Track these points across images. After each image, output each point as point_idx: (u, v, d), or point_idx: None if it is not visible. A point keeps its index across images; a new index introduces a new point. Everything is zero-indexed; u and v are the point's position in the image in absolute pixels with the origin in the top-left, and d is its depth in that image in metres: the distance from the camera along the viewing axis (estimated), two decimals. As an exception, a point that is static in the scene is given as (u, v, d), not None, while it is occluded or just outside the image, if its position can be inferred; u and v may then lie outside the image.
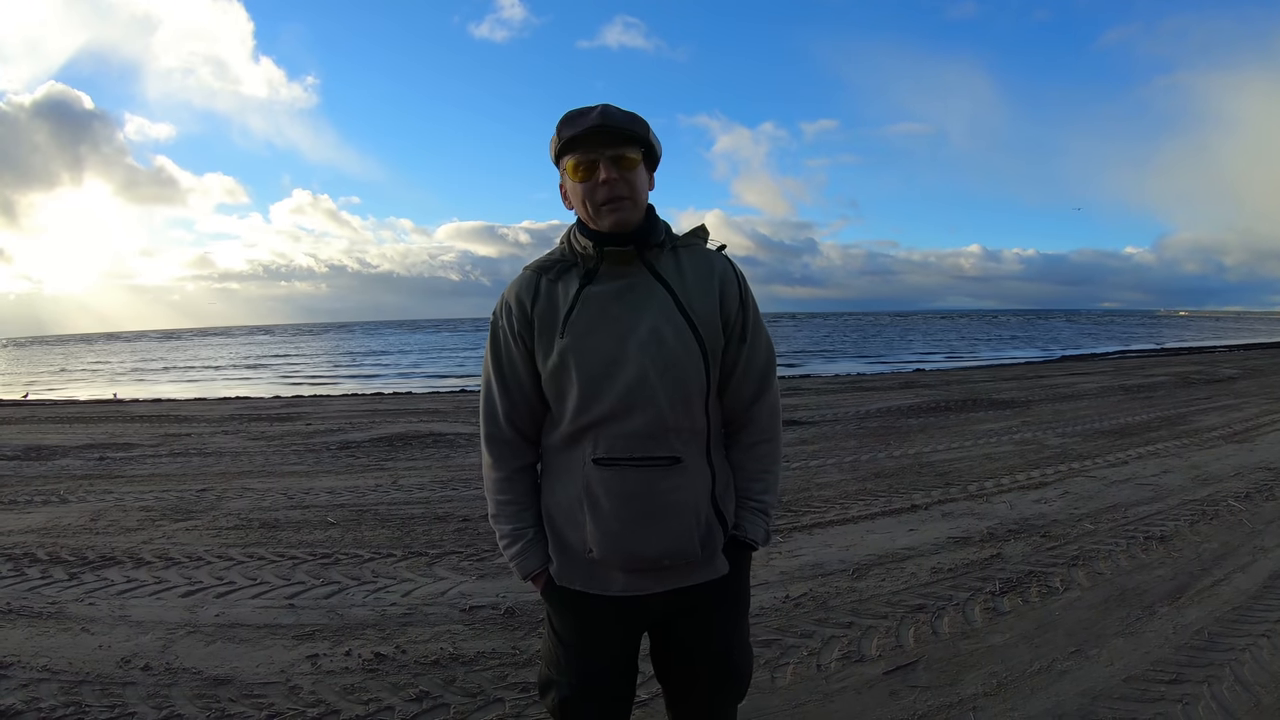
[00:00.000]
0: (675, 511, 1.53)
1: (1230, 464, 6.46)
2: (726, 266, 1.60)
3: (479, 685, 2.82)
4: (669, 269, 1.55)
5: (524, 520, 1.63)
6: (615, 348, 1.49)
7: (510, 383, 1.58)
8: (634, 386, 1.47)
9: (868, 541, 4.50)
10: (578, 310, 1.50)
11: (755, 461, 1.67)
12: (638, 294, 1.52)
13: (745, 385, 1.62)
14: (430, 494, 5.82)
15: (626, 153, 1.48)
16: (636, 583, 1.57)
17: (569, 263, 1.56)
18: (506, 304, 1.57)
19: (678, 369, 1.50)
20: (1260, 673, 2.81)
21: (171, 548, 4.44)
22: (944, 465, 6.64)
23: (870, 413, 10.11)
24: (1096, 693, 2.72)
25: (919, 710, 2.63)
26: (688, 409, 1.53)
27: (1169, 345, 35.00)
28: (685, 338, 1.50)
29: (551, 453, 1.61)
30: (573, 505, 1.56)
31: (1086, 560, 4.07)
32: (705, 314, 1.53)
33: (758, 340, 1.62)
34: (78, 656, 3.07)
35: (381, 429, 9.24)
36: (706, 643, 1.69)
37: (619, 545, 1.53)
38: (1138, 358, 25.23)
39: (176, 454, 7.72)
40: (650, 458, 1.50)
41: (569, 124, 1.47)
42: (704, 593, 1.62)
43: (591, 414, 1.50)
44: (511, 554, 1.63)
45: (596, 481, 1.52)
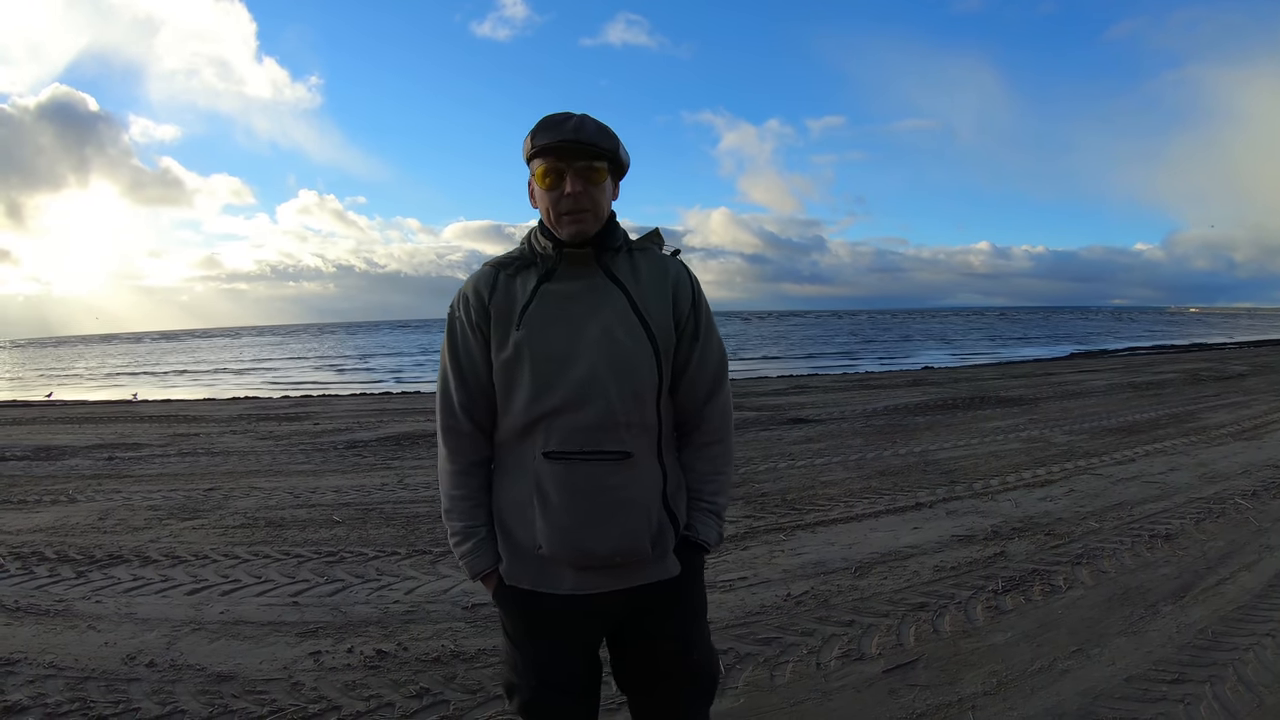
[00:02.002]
0: (626, 508, 1.55)
1: (1238, 461, 6.42)
2: (680, 270, 1.66)
3: (479, 682, 2.84)
4: (624, 271, 1.60)
5: (476, 518, 1.64)
6: (569, 343, 1.53)
7: (467, 374, 1.60)
8: (585, 380, 1.51)
9: (871, 539, 4.49)
10: (534, 305, 1.55)
11: (707, 463, 1.70)
12: (594, 294, 1.57)
13: (698, 384, 1.66)
14: (436, 493, 5.83)
15: (594, 165, 1.54)
16: (587, 580, 1.57)
17: (528, 260, 1.61)
18: (464, 296, 1.61)
19: (629, 365, 1.54)
20: (1264, 672, 2.79)
21: (178, 546, 4.48)
22: (950, 463, 6.63)
23: (877, 410, 10.11)
24: (1097, 692, 2.71)
25: (918, 709, 2.63)
26: (639, 405, 1.56)
27: (1179, 342, 34.79)
28: (637, 336, 1.56)
29: (503, 449, 1.63)
30: (522, 501, 1.58)
31: (1091, 559, 4.06)
32: (659, 314, 1.59)
33: (710, 341, 1.67)
34: (83, 653, 3.11)
35: (389, 428, 9.28)
36: (664, 645, 1.69)
37: (569, 541, 1.54)
38: (1148, 354, 25.10)
39: (185, 454, 7.78)
40: (601, 452, 1.53)
41: (544, 131, 1.53)
42: (656, 593, 1.62)
43: (543, 405, 1.52)
44: (462, 552, 1.63)
45: (547, 476, 1.54)
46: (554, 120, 1.53)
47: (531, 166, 1.58)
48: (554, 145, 1.51)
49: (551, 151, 1.52)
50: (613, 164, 1.58)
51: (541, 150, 1.53)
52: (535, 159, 1.56)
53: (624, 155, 1.59)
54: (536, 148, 1.53)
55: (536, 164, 1.55)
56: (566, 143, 1.51)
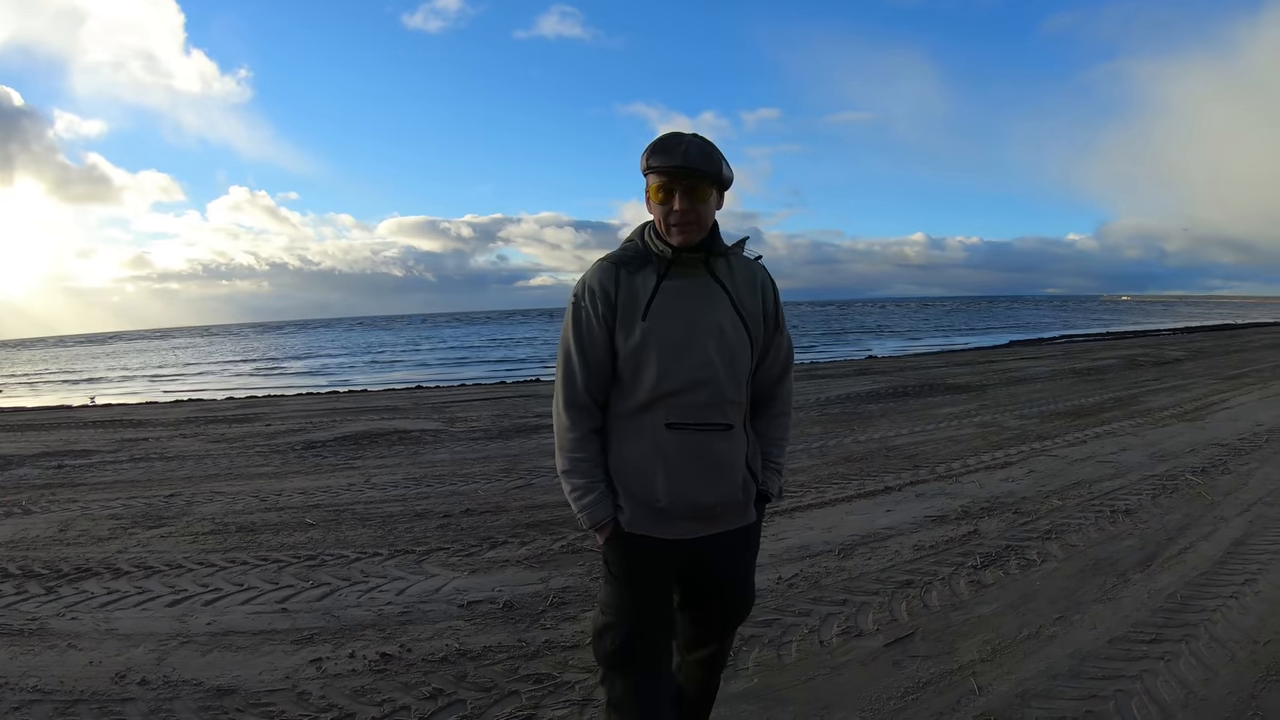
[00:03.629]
0: (728, 469, 1.86)
1: (1184, 441, 6.76)
2: (765, 274, 1.96)
3: (491, 679, 2.83)
4: (724, 273, 1.88)
5: (596, 475, 1.87)
6: (688, 334, 1.80)
7: (590, 357, 1.84)
8: (703, 365, 1.80)
9: (848, 523, 4.62)
10: (657, 300, 1.81)
11: (777, 430, 2.04)
12: (703, 292, 1.85)
13: (775, 367, 2.01)
14: (406, 491, 5.77)
15: (700, 186, 1.78)
16: (693, 527, 1.86)
17: (645, 259, 1.86)
18: (590, 289, 1.83)
19: (734, 354, 1.84)
20: (1233, 630, 3.01)
21: (149, 556, 4.31)
22: (910, 448, 6.83)
23: (830, 399, 10.30)
24: (1084, 654, 2.88)
25: (923, 678, 2.75)
26: (738, 387, 1.86)
27: (1114, 329, 36.20)
28: (739, 330, 1.85)
29: (624, 418, 1.87)
30: (645, 462, 1.83)
31: (1059, 533, 4.26)
32: (753, 312, 1.89)
33: (784, 332, 2.00)
34: (68, 674, 2.95)
35: (344, 428, 9.08)
36: (735, 575, 2.01)
37: (685, 495, 1.82)
38: (1084, 341, 26.06)
39: (138, 459, 7.48)
40: (711, 424, 1.83)
41: (659, 154, 1.77)
42: (738, 536, 1.95)
43: (667, 386, 1.79)
44: (584, 504, 1.85)
45: (668, 442, 1.81)
46: (666, 144, 1.78)
47: (647, 180, 1.83)
48: (665, 169, 1.76)
49: (663, 173, 1.77)
50: (716, 182, 1.81)
51: (655, 170, 1.78)
52: (650, 174, 1.81)
53: (727, 173, 1.82)
54: (651, 168, 1.79)
55: (651, 179, 1.80)
56: (677, 169, 1.75)
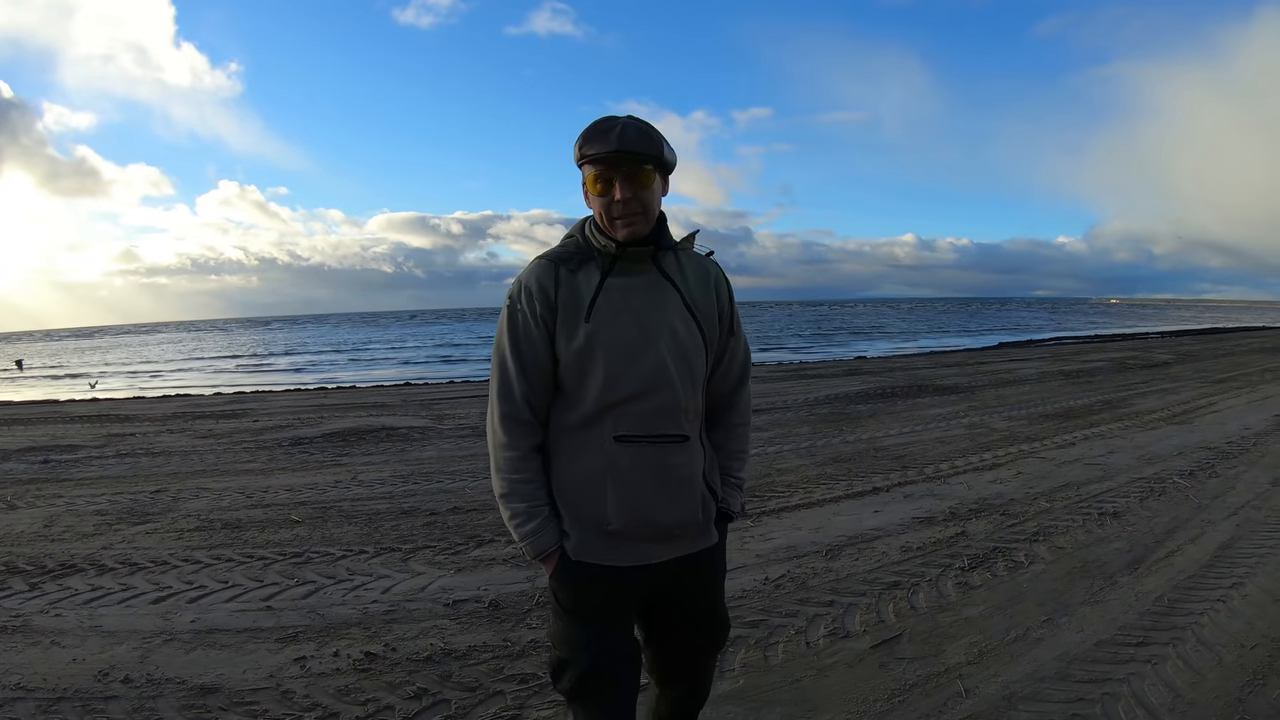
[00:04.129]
0: (685, 484, 1.70)
1: (1172, 444, 6.79)
2: (718, 270, 1.81)
3: (476, 679, 2.81)
4: (673, 269, 1.72)
5: (538, 498, 1.69)
6: (637, 335, 1.64)
7: (529, 365, 1.66)
8: (655, 371, 1.64)
9: (836, 523, 4.61)
10: (601, 299, 1.64)
11: (736, 442, 1.88)
12: (652, 290, 1.68)
13: (731, 373, 1.85)
14: (393, 489, 5.74)
15: (642, 171, 1.62)
16: (649, 551, 1.70)
17: (586, 255, 1.69)
18: (527, 289, 1.66)
19: (688, 357, 1.69)
20: (1219, 633, 3.02)
21: (133, 552, 4.28)
22: (898, 449, 6.82)
23: (819, 399, 10.30)
24: (1071, 657, 2.88)
25: (909, 680, 2.74)
26: (694, 393, 1.71)
27: (1103, 332, 36.40)
28: (692, 330, 1.70)
29: (567, 432, 1.70)
30: (592, 481, 1.66)
31: (1046, 536, 4.26)
32: (706, 311, 1.73)
33: (740, 334, 1.85)
34: (51, 672, 2.93)
35: (332, 424, 9.04)
36: (702, 602, 1.85)
37: (639, 516, 1.66)
38: (1074, 344, 26.20)
39: (124, 455, 7.42)
40: (665, 435, 1.66)
41: (590, 142, 1.61)
42: (699, 559, 1.77)
43: (615, 394, 1.63)
44: (525, 531, 1.68)
45: (618, 457, 1.64)
46: (599, 129, 1.61)
47: (583, 172, 1.67)
48: (600, 156, 1.60)
49: (599, 160, 1.61)
50: (658, 165, 1.65)
51: (589, 159, 1.62)
52: (585, 165, 1.65)
53: (669, 155, 1.67)
54: (585, 157, 1.62)
55: (587, 170, 1.65)
56: (612, 153, 1.59)
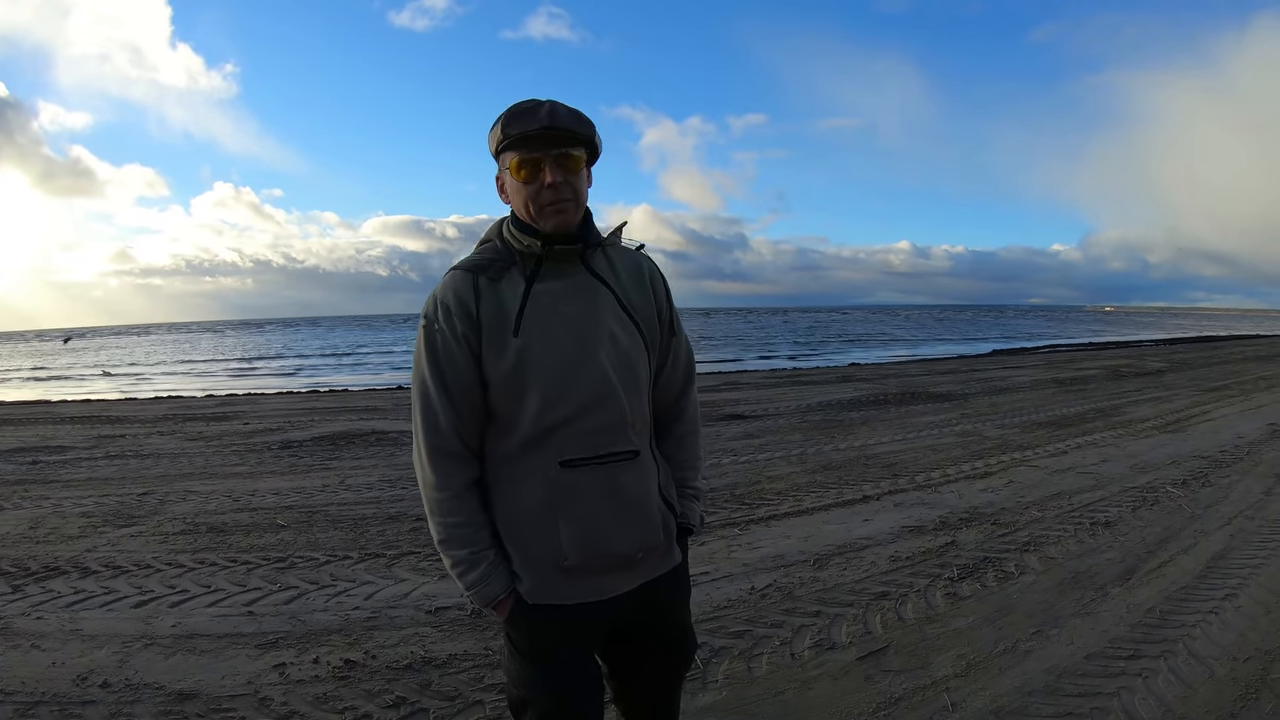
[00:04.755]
0: (640, 504, 1.55)
1: (1165, 453, 6.76)
2: (652, 265, 1.65)
3: (455, 688, 2.77)
4: (603, 268, 1.57)
5: (479, 542, 1.52)
6: (574, 346, 1.48)
7: (454, 390, 1.48)
8: (598, 383, 1.48)
9: (825, 532, 4.57)
10: (529, 309, 1.47)
11: (688, 451, 1.74)
12: (583, 293, 1.52)
13: (675, 377, 1.71)
14: (380, 494, 5.70)
15: (571, 152, 1.47)
16: (610, 582, 1.55)
17: (507, 261, 1.52)
18: (444, 305, 1.48)
19: (631, 364, 1.53)
20: (1211, 646, 2.98)
21: (118, 555, 4.24)
22: (890, 457, 6.79)
23: (811, 406, 10.27)
24: (1061, 670, 2.84)
25: (895, 693, 2.70)
26: (640, 403, 1.56)
27: (1097, 340, 36.49)
28: (632, 334, 1.54)
29: (504, 462, 1.53)
30: (540, 514, 1.50)
31: (1037, 546, 4.23)
32: (643, 310, 1.58)
33: (681, 334, 1.71)
34: (30, 675, 2.90)
35: (322, 427, 9.00)
36: (672, 626, 1.72)
37: (596, 546, 1.51)
38: (1067, 351, 26.27)
39: (112, 456, 7.38)
40: (614, 453, 1.51)
41: (515, 120, 1.45)
42: (663, 583, 1.63)
43: (556, 415, 1.47)
44: (470, 580, 1.51)
45: (567, 484, 1.49)
46: (524, 109, 1.45)
47: (503, 160, 1.51)
48: (529, 135, 1.44)
49: (526, 142, 1.45)
50: (589, 149, 1.51)
51: (515, 141, 1.45)
52: (508, 151, 1.48)
53: (598, 141, 1.53)
54: (509, 139, 1.45)
55: (509, 156, 1.48)
56: (542, 131, 1.43)
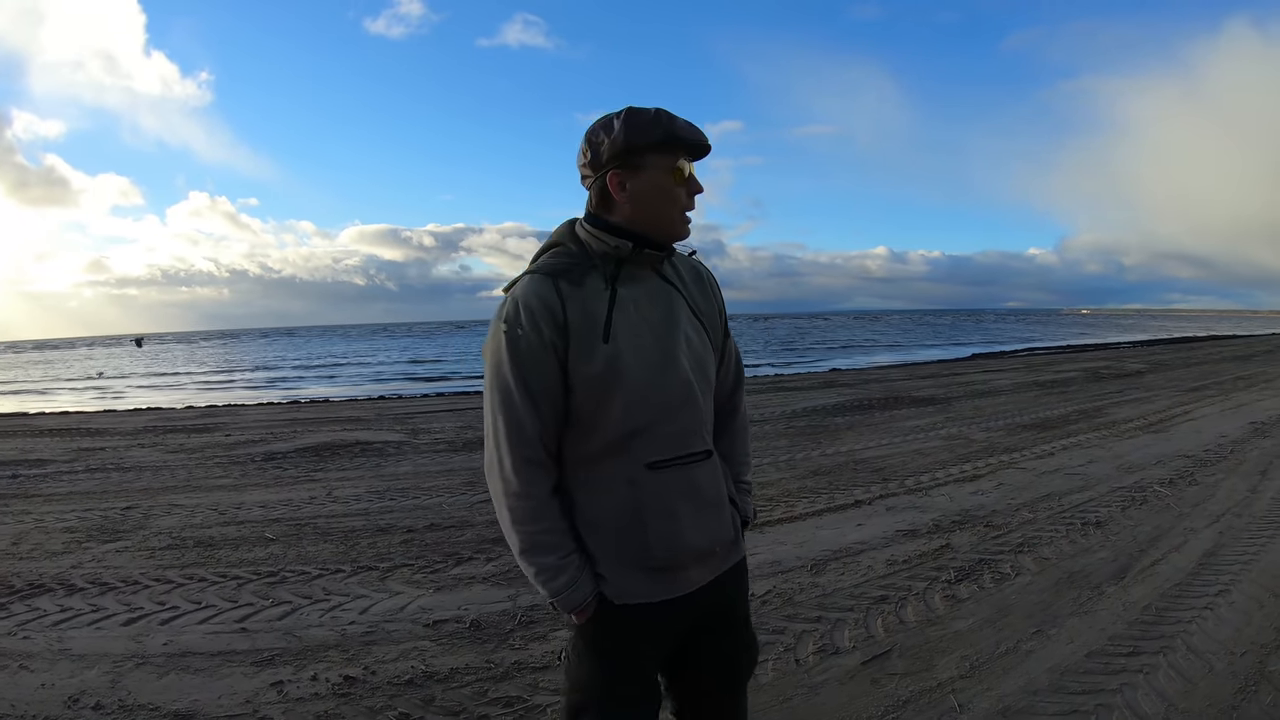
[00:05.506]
0: (716, 501, 1.59)
1: (1151, 453, 6.86)
2: (708, 271, 1.70)
3: (460, 703, 2.73)
4: (671, 274, 1.59)
5: (565, 547, 1.51)
6: (659, 350, 1.50)
7: (540, 398, 1.46)
8: (681, 386, 1.51)
9: (820, 537, 4.58)
10: (616, 314, 1.48)
11: (740, 446, 1.77)
12: (661, 298, 1.55)
13: (729, 376, 1.74)
14: (368, 505, 5.64)
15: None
16: (690, 578, 1.56)
17: (586, 265, 1.51)
18: (527, 309, 1.45)
19: (704, 366, 1.58)
20: (1209, 641, 3.03)
21: (104, 572, 4.15)
22: (878, 461, 6.83)
23: (797, 412, 10.30)
24: (1063, 669, 2.87)
25: (902, 696, 2.71)
26: (711, 403, 1.61)
27: (1075, 342, 36.95)
28: (702, 337, 1.58)
29: (586, 465, 1.52)
30: (627, 515, 1.50)
31: (1031, 547, 4.27)
32: (708, 313, 1.63)
33: (730, 336, 1.75)
34: (20, 698, 2.82)
35: (305, 438, 8.91)
36: (737, 622, 1.73)
37: (681, 544, 1.52)
38: (1046, 354, 26.57)
39: (94, 470, 7.25)
40: (693, 454, 1.53)
41: (685, 129, 1.47)
42: (732, 576, 1.66)
43: (641, 418, 1.47)
44: (556, 587, 1.49)
45: (652, 485, 1.50)
46: (681, 122, 1.48)
47: (654, 160, 1.48)
48: (694, 145, 1.49)
49: (691, 149, 1.49)
50: None
51: (688, 146, 1.48)
52: (662, 154, 1.47)
53: None
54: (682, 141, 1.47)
55: (666, 159, 1.48)
56: (701, 145, 1.49)
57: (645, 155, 1.47)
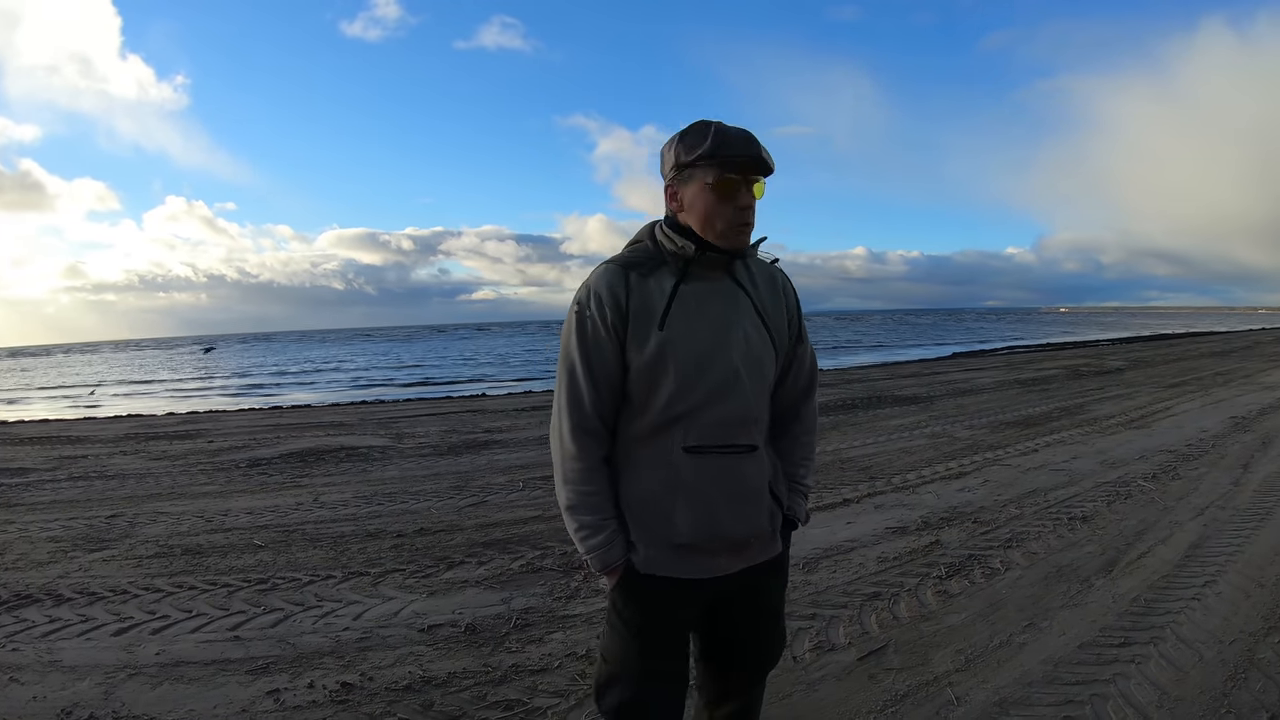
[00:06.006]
0: (755, 494, 1.67)
1: (1133, 448, 6.96)
2: (785, 278, 1.79)
3: (459, 708, 2.72)
4: (743, 276, 1.69)
5: (606, 511, 1.66)
6: (710, 343, 1.60)
7: (599, 374, 1.62)
8: (727, 379, 1.60)
9: (810, 536, 4.60)
10: (675, 305, 1.60)
11: (801, 450, 1.85)
12: (725, 296, 1.65)
13: (799, 382, 1.83)
14: (356, 510, 5.60)
15: (761, 182, 1.62)
16: (718, 563, 1.67)
17: (658, 260, 1.64)
18: (597, 295, 1.60)
19: (760, 365, 1.66)
20: (1198, 631, 3.09)
21: (91, 581, 4.09)
22: (864, 460, 6.87)
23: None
24: (1057, 660, 2.91)
25: (900, 691, 2.74)
26: (762, 402, 1.69)
27: (1055, 340, 37.35)
28: (763, 338, 1.67)
29: (633, 443, 1.66)
30: (661, 493, 1.63)
31: (1019, 542, 4.32)
32: (776, 318, 1.71)
33: (808, 344, 1.84)
34: (11, 711, 2.77)
35: (289, 444, 8.83)
36: (765, 614, 1.83)
37: (709, 528, 1.62)
38: (1026, 352, 26.84)
39: (76, 478, 7.14)
40: (734, 445, 1.63)
41: (730, 143, 1.55)
42: (765, 569, 1.75)
43: (685, 404, 1.59)
44: (593, 544, 1.64)
45: (688, 468, 1.61)
46: (737, 134, 1.57)
47: (695, 173, 1.60)
48: (737, 159, 1.56)
49: (731, 164, 1.56)
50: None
51: (723, 161, 1.56)
52: (707, 167, 1.57)
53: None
54: (719, 156, 1.55)
55: (710, 172, 1.57)
56: (749, 160, 1.56)
57: (694, 169, 1.60)
